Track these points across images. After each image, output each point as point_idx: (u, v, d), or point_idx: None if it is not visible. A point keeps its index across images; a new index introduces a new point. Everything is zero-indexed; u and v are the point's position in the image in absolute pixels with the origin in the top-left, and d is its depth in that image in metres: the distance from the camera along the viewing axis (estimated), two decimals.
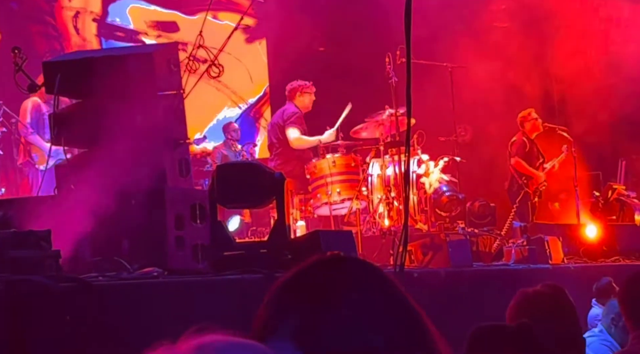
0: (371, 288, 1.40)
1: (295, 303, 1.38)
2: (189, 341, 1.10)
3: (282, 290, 1.43)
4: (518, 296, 3.00)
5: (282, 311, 1.39)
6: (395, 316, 1.38)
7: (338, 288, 1.37)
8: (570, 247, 7.82)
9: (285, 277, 1.44)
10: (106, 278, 4.37)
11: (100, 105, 5.54)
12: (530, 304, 2.94)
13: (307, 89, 9.51)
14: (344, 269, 1.43)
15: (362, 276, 1.42)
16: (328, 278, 1.40)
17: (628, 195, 10.10)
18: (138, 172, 5.34)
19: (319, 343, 1.32)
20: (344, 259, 1.45)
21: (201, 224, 5.44)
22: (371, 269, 1.45)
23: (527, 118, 10.18)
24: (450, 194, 8.60)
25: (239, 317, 4.47)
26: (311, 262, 1.43)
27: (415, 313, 1.40)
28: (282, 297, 1.42)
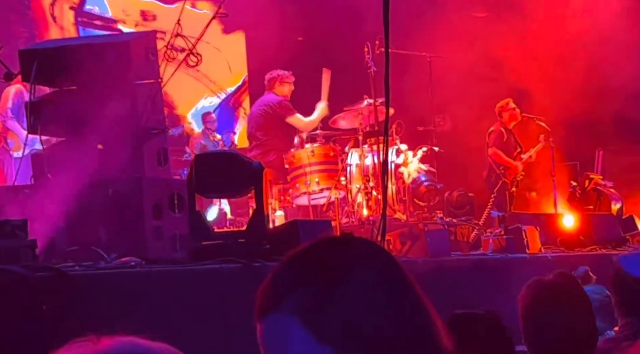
0: (377, 268, 1.40)
1: (301, 280, 1.38)
2: (94, 346, 1.12)
3: (288, 265, 1.42)
4: (531, 285, 2.96)
5: (288, 287, 1.38)
6: (399, 296, 1.39)
7: (346, 266, 1.37)
8: (547, 237, 7.87)
9: (292, 253, 1.43)
10: (83, 268, 4.34)
11: (77, 93, 5.50)
12: (544, 295, 2.89)
13: (287, 79, 9.49)
14: (352, 248, 1.43)
15: (369, 256, 1.42)
16: (336, 256, 1.39)
17: (605, 185, 10.17)
18: (115, 161, 5.32)
19: (324, 320, 1.32)
20: (353, 238, 1.45)
21: (179, 214, 5.42)
22: (379, 250, 1.45)
23: (505, 108, 10.21)
24: (428, 184, 8.62)
25: (217, 306, 4.47)
26: (320, 240, 1.43)
27: (418, 294, 1.41)
28: (289, 273, 1.41)
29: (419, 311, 1.40)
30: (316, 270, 1.38)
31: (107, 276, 4.28)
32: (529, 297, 2.92)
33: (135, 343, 1.16)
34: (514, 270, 6.49)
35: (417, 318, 1.39)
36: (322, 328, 1.32)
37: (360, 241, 1.46)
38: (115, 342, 1.15)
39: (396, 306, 1.37)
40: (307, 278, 1.38)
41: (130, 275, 4.38)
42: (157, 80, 5.82)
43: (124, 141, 5.40)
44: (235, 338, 4.38)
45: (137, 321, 3.76)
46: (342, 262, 1.39)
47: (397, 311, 1.37)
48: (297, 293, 1.36)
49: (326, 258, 1.40)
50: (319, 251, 1.42)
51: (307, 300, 1.34)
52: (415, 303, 1.41)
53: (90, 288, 4.04)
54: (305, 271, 1.39)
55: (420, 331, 1.38)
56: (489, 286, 5.89)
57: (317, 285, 1.35)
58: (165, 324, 3.96)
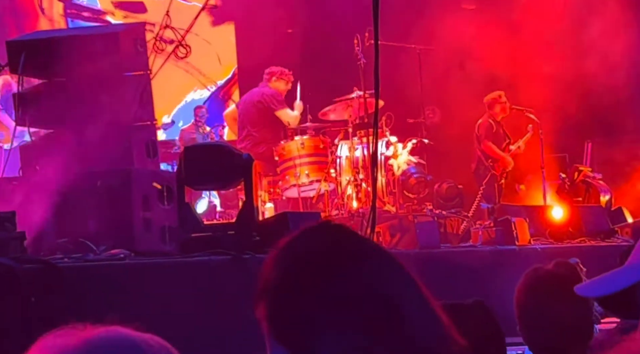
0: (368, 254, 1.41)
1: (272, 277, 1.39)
2: (79, 334, 1.13)
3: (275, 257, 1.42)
4: (529, 274, 2.93)
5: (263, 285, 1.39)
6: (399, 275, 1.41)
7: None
8: (536, 228, 7.88)
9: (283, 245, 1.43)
10: (72, 260, 4.34)
11: (65, 85, 5.48)
12: (541, 284, 2.87)
13: (285, 77, 9.48)
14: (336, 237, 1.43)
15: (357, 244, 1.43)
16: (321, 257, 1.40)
17: (594, 176, 10.19)
18: (104, 153, 5.30)
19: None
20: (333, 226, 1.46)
21: (169, 206, 5.41)
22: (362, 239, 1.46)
23: (498, 101, 10.21)
24: (418, 176, 8.63)
25: (206, 298, 4.46)
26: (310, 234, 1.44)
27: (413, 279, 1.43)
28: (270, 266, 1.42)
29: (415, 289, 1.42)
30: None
31: (96, 268, 4.28)
32: (526, 286, 2.90)
33: (121, 332, 1.16)
34: (503, 261, 6.50)
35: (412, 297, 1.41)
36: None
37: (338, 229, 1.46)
38: (101, 331, 1.15)
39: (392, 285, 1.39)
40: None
41: (119, 267, 4.38)
42: (146, 72, 5.80)
43: (113, 133, 5.38)
44: (225, 329, 4.37)
45: (126, 312, 3.76)
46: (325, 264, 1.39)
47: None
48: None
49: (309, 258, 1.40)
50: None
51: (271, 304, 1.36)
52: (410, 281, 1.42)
53: (79, 280, 4.03)
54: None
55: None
56: (479, 278, 5.91)
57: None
58: (154, 316, 3.95)
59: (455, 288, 5.71)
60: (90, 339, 1.13)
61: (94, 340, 1.13)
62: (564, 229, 8.09)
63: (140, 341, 1.16)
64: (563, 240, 7.85)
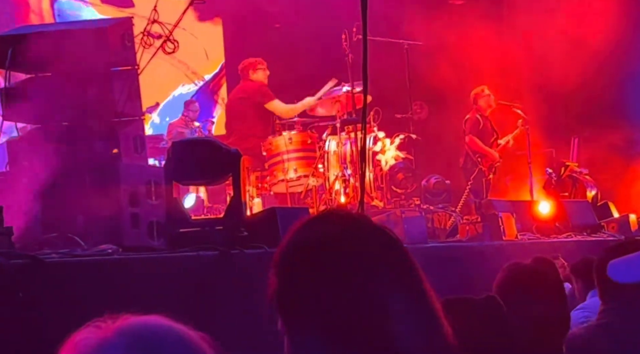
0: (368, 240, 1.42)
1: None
2: (112, 324, 1.12)
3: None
4: (508, 268, 2.97)
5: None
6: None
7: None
8: (523, 223, 7.91)
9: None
10: (59, 255, 4.32)
11: (52, 80, 5.45)
12: (518, 278, 2.90)
13: (259, 65, 9.47)
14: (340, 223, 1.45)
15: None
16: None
17: (580, 172, 10.24)
18: (92, 148, 5.29)
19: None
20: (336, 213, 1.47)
21: (156, 201, 5.40)
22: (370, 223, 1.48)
23: (481, 95, 10.23)
24: (405, 171, 8.65)
25: (194, 294, 4.46)
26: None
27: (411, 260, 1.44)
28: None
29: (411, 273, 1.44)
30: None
31: (84, 263, 4.27)
32: (504, 279, 2.94)
33: (158, 321, 1.15)
34: (490, 256, 6.52)
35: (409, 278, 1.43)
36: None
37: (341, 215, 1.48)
38: (137, 320, 1.14)
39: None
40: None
41: (107, 263, 4.37)
42: (133, 67, 5.78)
43: (100, 128, 5.37)
44: (213, 325, 4.38)
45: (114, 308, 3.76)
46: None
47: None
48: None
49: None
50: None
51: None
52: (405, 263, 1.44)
53: (67, 275, 4.02)
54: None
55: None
56: (466, 273, 5.93)
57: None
58: (142, 311, 3.95)
59: (443, 283, 5.73)
60: (126, 327, 1.11)
61: (133, 328, 1.12)
62: (550, 224, 8.12)
63: (179, 330, 1.15)
64: (550, 234, 7.88)
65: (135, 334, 1.10)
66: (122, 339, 1.09)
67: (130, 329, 1.10)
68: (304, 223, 1.44)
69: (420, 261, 5.68)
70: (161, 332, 1.12)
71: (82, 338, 1.11)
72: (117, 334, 1.09)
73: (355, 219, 1.46)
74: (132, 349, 1.08)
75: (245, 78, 9.50)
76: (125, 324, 1.11)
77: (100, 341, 1.09)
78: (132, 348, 1.08)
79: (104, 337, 1.09)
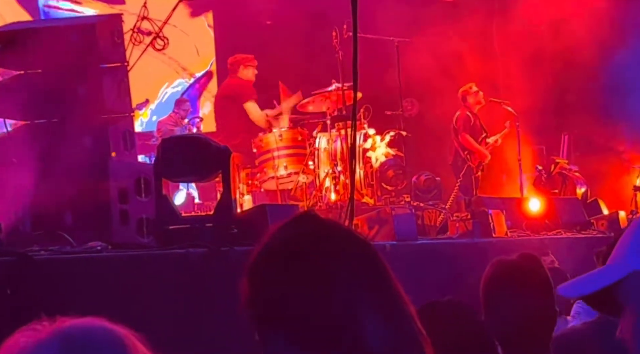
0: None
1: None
2: (50, 327, 1.12)
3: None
4: (494, 264, 2.99)
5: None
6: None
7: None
8: (513, 220, 7.92)
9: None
10: (49, 252, 4.31)
11: (42, 77, 5.44)
12: (505, 273, 2.92)
13: (250, 62, 9.48)
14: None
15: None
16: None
17: (570, 169, 10.27)
18: (81, 145, 5.27)
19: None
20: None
21: (146, 198, 5.39)
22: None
23: (469, 92, 10.23)
24: (396, 168, 8.65)
25: (184, 290, 4.46)
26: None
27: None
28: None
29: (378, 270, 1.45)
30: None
31: (73, 260, 4.26)
32: (491, 274, 2.96)
33: (93, 323, 1.16)
34: (480, 253, 6.53)
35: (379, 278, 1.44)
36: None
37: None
38: (72, 322, 1.15)
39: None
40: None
41: (96, 260, 4.36)
42: (123, 63, 5.77)
43: (90, 125, 5.35)
44: (203, 322, 4.37)
45: (103, 305, 3.75)
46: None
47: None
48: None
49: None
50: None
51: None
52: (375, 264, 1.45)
53: (56, 272, 4.01)
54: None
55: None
56: (456, 270, 5.93)
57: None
58: (131, 308, 3.94)
59: (432, 279, 5.74)
60: (61, 329, 1.13)
61: (66, 330, 1.13)
62: (540, 221, 8.14)
63: (116, 332, 1.16)
64: (539, 231, 7.90)
65: (69, 335, 1.11)
66: (56, 340, 1.10)
67: (65, 331, 1.11)
68: (274, 228, 1.46)
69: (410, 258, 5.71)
70: (95, 333, 1.13)
71: (18, 340, 1.12)
72: (52, 336, 1.11)
73: (324, 223, 1.47)
74: (65, 351, 1.09)
75: (233, 74, 9.50)
76: (60, 326, 1.12)
77: (36, 343, 1.11)
78: (66, 349, 1.09)
79: (39, 339, 1.11)
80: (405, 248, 6.16)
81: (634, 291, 1.41)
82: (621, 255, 1.45)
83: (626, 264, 1.42)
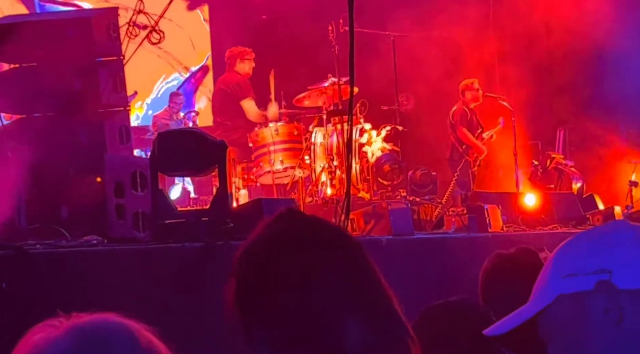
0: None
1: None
2: (66, 323, 1.13)
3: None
4: (493, 257, 2.99)
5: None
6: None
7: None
8: (509, 215, 7.92)
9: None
10: (44, 246, 4.31)
11: (37, 70, 5.43)
12: (503, 266, 2.93)
13: (247, 55, 9.47)
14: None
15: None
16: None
17: (566, 164, 10.27)
18: (77, 139, 5.26)
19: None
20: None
21: (142, 192, 5.38)
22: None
23: (470, 88, 10.23)
24: (392, 163, 8.65)
25: (179, 285, 4.45)
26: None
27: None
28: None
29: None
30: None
31: (69, 254, 4.25)
32: (489, 268, 2.97)
33: (110, 318, 1.16)
34: (476, 248, 6.54)
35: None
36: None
37: None
38: (89, 317, 1.15)
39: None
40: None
41: (91, 254, 4.35)
42: (119, 57, 5.76)
43: (85, 119, 5.34)
44: (199, 317, 4.37)
45: (98, 300, 3.74)
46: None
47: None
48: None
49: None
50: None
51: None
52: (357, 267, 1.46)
53: (52, 266, 4.01)
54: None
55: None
56: (452, 265, 5.94)
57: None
58: (127, 303, 3.93)
59: (428, 274, 5.74)
60: (78, 326, 1.13)
61: (82, 327, 1.13)
62: (536, 216, 8.15)
63: (129, 326, 1.16)
64: (535, 226, 7.90)
65: (85, 331, 1.11)
66: (73, 337, 1.10)
67: (81, 327, 1.11)
68: (258, 228, 1.46)
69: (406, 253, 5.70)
70: (111, 329, 1.13)
71: (35, 336, 1.12)
72: (68, 332, 1.11)
73: (306, 222, 1.47)
74: (81, 346, 1.09)
75: (230, 68, 9.49)
76: (76, 322, 1.13)
77: (52, 339, 1.10)
78: (82, 345, 1.09)
79: (56, 335, 1.11)
80: (402, 243, 6.16)
81: (561, 319, 1.35)
82: (542, 286, 1.41)
83: (550, 291, 1.37)
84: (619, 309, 1.28)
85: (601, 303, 1.29)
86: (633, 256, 1.32)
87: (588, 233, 1.45)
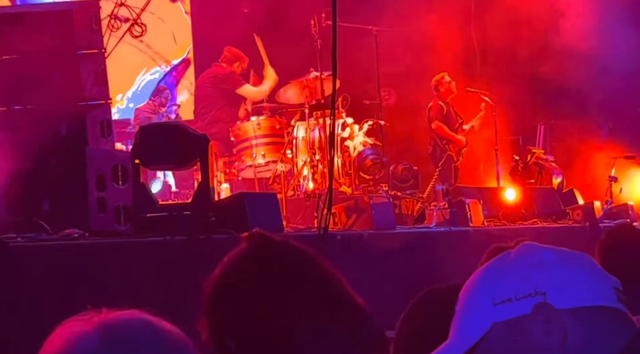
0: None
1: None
2: (96, 318, 1.13)
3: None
4: (491, 251, 3.00)
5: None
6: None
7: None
8: (490, 210, 7.96)
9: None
10: (25, 239, 4.29)
11: (18, 63, 5.39)
12: None
13: (246, 64, 9.57)
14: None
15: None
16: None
17: (546, 159, 10.32)
18: (58, 132, 5.24)
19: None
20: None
21: (123, 185, 5.37)
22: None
23: (441, 82, 10.23)
24: (374, 157, 8.67)
25: (161, 278, 4.45)
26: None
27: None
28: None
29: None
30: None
31: (50, 248, 4.24)
32: (486, 260, 2.97)
33: (139, 315, 1.17)
34: (456, 242, 6.57)
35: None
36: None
37: None
38: (118, 314, 1.15)
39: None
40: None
41: (72, 247, 4.34)
42: (100, 50, 5.73)
43: (66, 112, 5.32)
44: (180, 311, 4.37)
45: (79, 293, 3.73)
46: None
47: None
48: None
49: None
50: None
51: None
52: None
53: (32, 259, 3.99)
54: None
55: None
56: (433, 259, 5.96)
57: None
58: (107, 296, 3.93)
59: (409, 268, 5.77)
60: (105, 322, 1.13)
61: (112, 323, 1.13)
62: (516, 210, 8.19)
63: (157, 325, 1.16)
64: (516, 221, 7.95)
65: (110, 328, 1.12)
66: (99, 333, 1.11)
67: (107, 324, 1.12)
68: (229, 256, 1.54)
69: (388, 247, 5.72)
70: (137, 326, 1.13)
71: (66, 328, 1.13)
72: (95, 327, 1.11)
73: (275, 247, 1.52)
74: (105, 343, 1.10)
75: (225, 62, 9.49)
76: (105, 319, 1.13)
77: (79, 333, 1.11)
78: (106, 341, 1.10)
79: (84, 330, 1.11)
80: (383, 237, 6.18)
81: (500, 348, 1.29)
82: (467, 319, 1.33)
83: (481, 322, 1.30)
84: (562, 329, 1.26)
85: (541, 325, 1.27)
86: (564, 276, 1.31)
87: (504, 260, 1.41)
